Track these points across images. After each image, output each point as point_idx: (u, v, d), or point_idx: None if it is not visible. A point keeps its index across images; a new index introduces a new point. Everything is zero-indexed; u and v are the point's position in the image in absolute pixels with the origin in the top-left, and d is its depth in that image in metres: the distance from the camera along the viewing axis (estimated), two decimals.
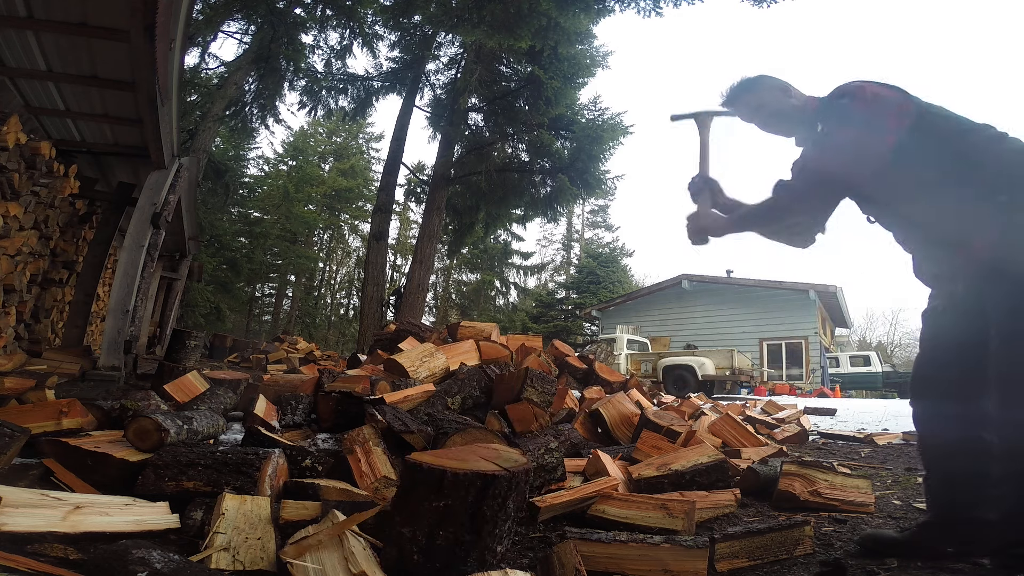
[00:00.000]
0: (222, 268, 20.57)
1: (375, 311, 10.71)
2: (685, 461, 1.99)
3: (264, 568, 1.11)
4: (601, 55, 11.70)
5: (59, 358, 3.75)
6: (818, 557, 1.41)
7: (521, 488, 1.18)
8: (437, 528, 1.08)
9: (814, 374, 15.06)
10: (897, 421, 5.02)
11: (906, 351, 32.94)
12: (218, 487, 1.43)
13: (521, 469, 1.17)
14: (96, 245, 5.21)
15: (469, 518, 1.09)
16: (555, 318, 24.82)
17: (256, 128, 13.29)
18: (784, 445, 3.25)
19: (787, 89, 1.63)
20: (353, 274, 31.33)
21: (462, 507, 1.08)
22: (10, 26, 3.35)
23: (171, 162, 4.62)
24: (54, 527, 1.10)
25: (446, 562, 1.08)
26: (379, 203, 11.72)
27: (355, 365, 4.20)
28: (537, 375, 2.66)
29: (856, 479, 1.96)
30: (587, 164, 10.88)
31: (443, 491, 1.08)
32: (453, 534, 1.08)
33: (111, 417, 2.07)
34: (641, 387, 4.71)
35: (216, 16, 10.34)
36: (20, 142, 3.72)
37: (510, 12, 7.53)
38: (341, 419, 2.35)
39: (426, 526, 1.08)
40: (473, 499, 1.09)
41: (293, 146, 29.59)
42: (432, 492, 1.08)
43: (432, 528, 1.08)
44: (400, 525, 1.11)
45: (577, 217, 34.50)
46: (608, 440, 2.86)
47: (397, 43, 12.21)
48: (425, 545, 1.08)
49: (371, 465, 1.73)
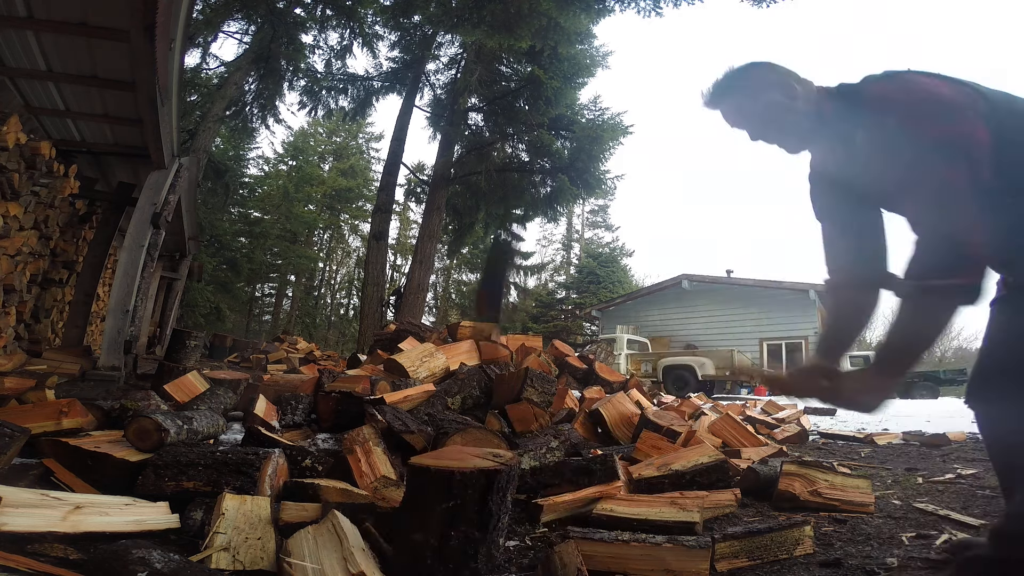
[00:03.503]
0: (222, 268, 20.58)
1: (375, 311, 10.71)
2: (685, 461, 1.98)
3: (264, 568, 1.11)
4: (601, 55, 11.72)
5: (59, 358, 3.75)
6: (818, 557, 1.40)
7: (514, 481, 1.22)
8: (448, 529, 1.09)
9: None
10: (897, 421, 5.02)
11: None
12: (218, 487, 1.43)
13: (514, 463, 1.20)
14: (96, 245, 5.21)
15: (477, 515, 1.11)
16: (555, 318, 24.82)
17: (256, 128, 13.30)
18: (784, 445, 3.25)
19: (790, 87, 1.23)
20: (353, 274, 31.32)
21: (471, 505, 1.10)
22: (10, 26, 3.35)
23: (171, 162, 4.62)
24: (54, 527, 1.09)
25: (458, 561, 1.10)
26: (379, 203, 11.73)
27: (355, 365, 4.21)
28: (537, 375, 2.67)
29: (856, 479, 1.96)
30: (587, 164, 10.89)
31: (452, 491, 1.10)
32: (464, 533, 1.10)
33: (111, 417, 2.07)
34: (641, 387, 4.71)
35: (216, 16, 10.35)
36: (20, 142, 3.72)
37: (510, 12, 7.53)
38: (341, 419, 2.35)
39: (438, 528, 1.10)
40: (479, 496, 1.11)
41: (293, 146, 29.58)
42: (442, 494, 1.10)
43: (443, 529, 1.09)
44: (412, 531, 1.12)
45: (577, 217, 34.50)
46: (608, 440, 2.86)
47: (397, 43, 12.22)
48: (437, 547, 1.09)
49: (371, 465, 1.73)
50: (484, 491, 1.11)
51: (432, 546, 1.09)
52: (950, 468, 2.64)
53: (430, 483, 1.11)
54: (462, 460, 1.17)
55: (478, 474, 1.11)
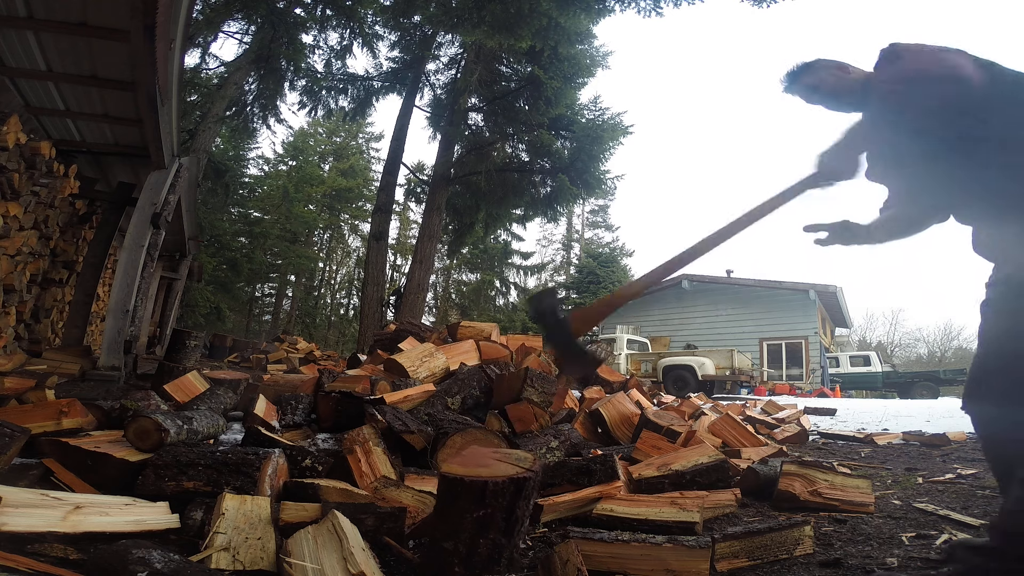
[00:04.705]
0: (222, 268, 20.57)
1: (375, 311, 10.71)
2: (685, 461, 1.98)
3: (264, 568, 1.11)
4: (601, 55, 11.71)
5: (59, 358, 3.75)
6: (818, 557, 1.40)
7: (538, 486, 1.25)
8: (477, 537, 1.11)
9: (814, 374, 15.06)
10: (897, 421, 5.02)
11: (906, 351, 33.00)
12: (218, 487, 1.43)
13: (538, 467, 1.21)
14: (96, 245, 5.21)
15: (504, 522, 1.13)
16: None
17: (257, 128, 13.27)
18: (784, 445, 3.25)
19: (843, 67, 1.57)
20: (353, 274, 31.31)
21: (499, 512, 1.12)
22: (10, 26, 3.35)
23: (171, 162, 4.62)
24: (54, 527, 1.09)
25: (484, 567, 1.11)
26: (379, 203, 11.72)
27: (355, 365, 4.21)
28: (537, 375, 2.67)
29: (856, 479, 1.96)
30: (587, 164, 10.88)
31: (485, 500, 1.11)
32: (492, 540, 1.12)
33: (111, 417, 2.07)
34: (641, 387, 4.71)
35: (216, 16, 10.33)
36: (20, 142, 3.72)
37: (510, 12, 7.53)
38: (341, 419, 2.35)
39: (467, 536, 1.11)
40: (508, 503, 1.12)
41: (293, 146, 29.57)
42: (474, 503, 1.11)
43: (473, 537, 1.11)
44: (442, 540, 1.13)
45: (577, 217, 34.49)
46: (608, 440, 2.86)
47: (397, 43, 12.21)
48: (466, 555, 1.10)
49: (371, 465, 1.73)
50: (514, 498, 1.13)
51: (461, 554, 1.10)
52: (950, 468, 2.64)
53: (464, 493, 1.12)
54: (490, 467, 1.18)
55: (508, 483, 1.12)
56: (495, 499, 1.11)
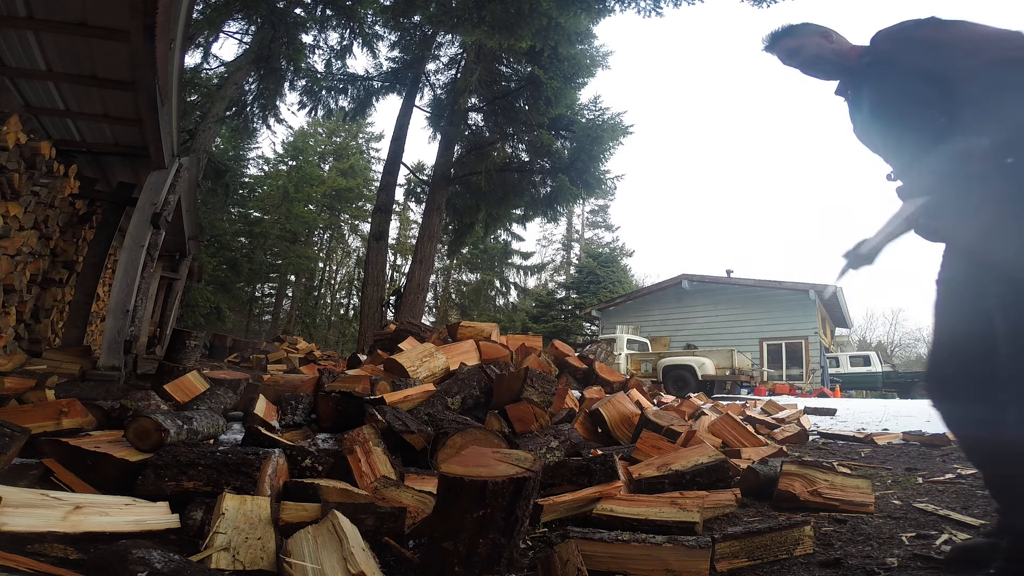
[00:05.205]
0: (222, 268, 20.58)
1: (375, 311, 10.71)
2: (685, 461, 1.98)
3: (264, 568, 1.11)
4: (601, 55, 11.70)
5: (59, 358, 3.75)
6: (818, 557, 1.40)
7: (538, 486, 1.26)
8: (477, 537, 1.11)
9: (814, 374, 15.06)
10: (897, 421, 5.02)
11: (906, 351, 32.99)
12: (218, 487, 1.43)
13: (538, 467, 1.21)
14: (96, 245, 5.21)
15: (504, 521, 1.13)
16: (555, 318, 24.82)
17: (257, 128, 13.26)
18: (784, 445, 3.25)
19: (828, 34, 1.58)
20: (353, 274, 31.32)
21: (499, 512, 1.12)
22: (10, 26, 3.35)
23: (171, 162, 4.62)
24: (54, 527, 1.09)
25: (484, 567, 1.12)
26: (379, 203, 11.73)
27: (355, 365, 4.21)
28: (537, 375, 2.67)
29: (856, 479, 1.96)
30: (587, 164, 10.88)
31: (485, 500, 1.11)
32: (492, 540, 1.12)
33: (111, 417, 2.07)
34: (641, 387, 4.71)
35: (216, 16, 10.33)
36: (20, 142, 3.71)
37: (510, 12, 7.52)
38: (341, 419, 2.35)
39: (467, 536, 1.11)
40: (508, 503, 1.13)
41: (293, 146, 29.58)
42: (474, 503, 1.11)
43: (473, 537, 1.11)
44: (441, 540, 1.13)
45: (577, 217, 34.51)
46: (608, 440, 2.86)
47: (397, 43, 12.21)
48: (466, 555, 1.11)
49: (371, 465, 1.73)
50: (513, 498, 1.13)
51: (460, 554, 1.10)
52: (950, 468, 2.64)
53: (463, 493, 1.12)
54: (490, 467, 1.18)
55: (508, 482, 1.12)
56: (495, 499, 1.11)
